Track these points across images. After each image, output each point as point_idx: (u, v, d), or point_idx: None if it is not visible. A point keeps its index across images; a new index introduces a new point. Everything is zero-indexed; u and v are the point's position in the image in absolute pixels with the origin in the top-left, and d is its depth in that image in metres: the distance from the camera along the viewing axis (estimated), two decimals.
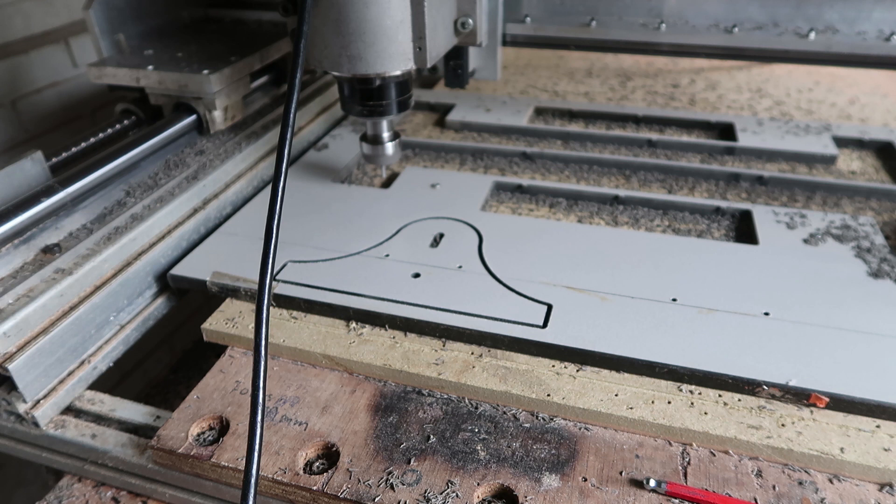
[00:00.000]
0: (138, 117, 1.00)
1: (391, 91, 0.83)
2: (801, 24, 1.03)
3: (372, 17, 0.73)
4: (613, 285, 0.73)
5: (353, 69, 0.77)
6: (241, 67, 0.98)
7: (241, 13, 1.24)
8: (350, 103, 0.86)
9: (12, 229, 0.71)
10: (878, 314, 0.68)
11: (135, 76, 0.95)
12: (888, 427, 0.58)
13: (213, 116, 0.96)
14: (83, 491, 0.63)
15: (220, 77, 0.94)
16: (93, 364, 0.70)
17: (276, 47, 1.07)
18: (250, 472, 0.46)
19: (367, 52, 0.75)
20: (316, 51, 0.77)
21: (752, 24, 1.04)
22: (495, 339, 0.67)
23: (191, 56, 1.00)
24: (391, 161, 0.93)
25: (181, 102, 0.97)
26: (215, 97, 0.94)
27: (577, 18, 1.10)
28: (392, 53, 0.76)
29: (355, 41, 0.74)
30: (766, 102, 1.32)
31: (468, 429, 0.60)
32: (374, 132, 0.90)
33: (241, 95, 1.01)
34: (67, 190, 0.77)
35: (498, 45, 1.03)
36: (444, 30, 0.83)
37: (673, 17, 1.07)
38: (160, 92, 0.97)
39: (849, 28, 1.02)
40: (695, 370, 0.62)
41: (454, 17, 0.85)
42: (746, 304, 0.69)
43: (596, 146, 1.13)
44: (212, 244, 0.83)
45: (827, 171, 1.04)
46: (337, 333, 0.70)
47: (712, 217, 0.90)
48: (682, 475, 0.55)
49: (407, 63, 0.78)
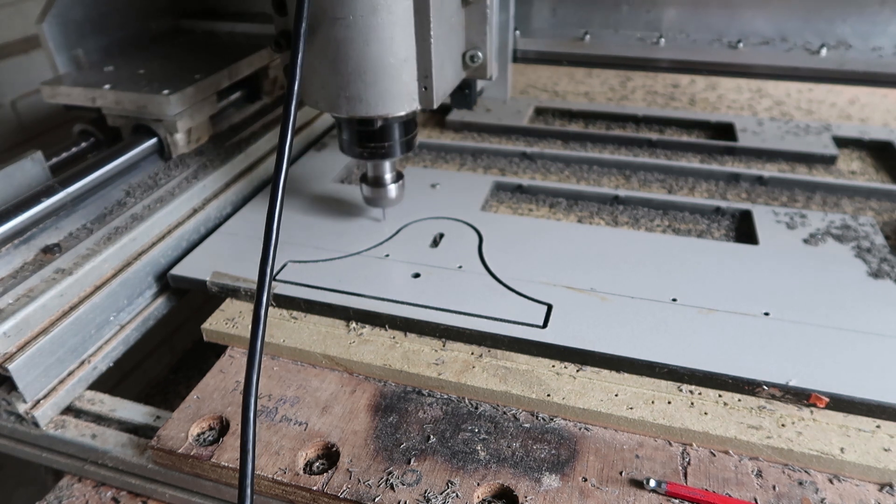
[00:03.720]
0: (97, 139, 0.91)
1: (394, 132, 0.76)
2: (811, 39, 0.94)
3: (373, 54, 0.66)
4: (613, 285, 0.73)
5: (351, 111, 0.70)
6: (206, 86, 0.90)
7: (213, 24, 1.15)
8: (349, 145, 0.78)
9: (12, 229, 0.71)
10: (877, 314, 0.68)
11: (90, 96, 0.87)
12: (888, 427, 0.58)
13: (175, 140, 0.88)
14: (83, 491, 0.63)
15: (182, 97, 0.86)
16: (93, 364, 0.70)
17: (248, 62, 0.99)
18: (246, 468, 0.46)
19: (367, 92, 0.68)
20: (312, 90, 0.71)
21: (758, 38, 0.95)
22: (495, 339, 0.67)
23: (153, 73, 0.92)
24: (394, 204, 0.84)
25: (140, 124, 0.89)
26: (177, 119, 0.86)
27: (569, 32, 1.00)
28: (395, 94, 0.69)
29: (354, 81, 0.68)
30: (766, 102, 1.32)
31: (468, 429, 0.60)
32: (376, 174, 0.82)
33: (208, 116, 0.92)
34: (67, 190, 0.77)
35: (508, 64, 0.94)
36: (452, 65, 0.75)
37: (672, 30, 0.97)
38: (117, 113, 0.89)
39: (863, 43, 0.92)
40: (695, 370, 0.62)
41: (462, 50, 0.77)
42: (746, 304, 0.69)
43: (596, 146, 1.13)
44: (212, 244, 0.83)
45: (827, 171, 1.04)
46: (337, 333, 0.70)
47: (712, 217, 0.90)
48: (682, 475, 0.55)
49: (412, 104, 0.71)
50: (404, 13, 0.66)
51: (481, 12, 0.75)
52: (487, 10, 0.74)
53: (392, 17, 0.65)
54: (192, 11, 1.18)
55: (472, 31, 0.76)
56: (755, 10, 0.92)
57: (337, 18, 0.65)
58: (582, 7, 0.99)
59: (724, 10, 0.93)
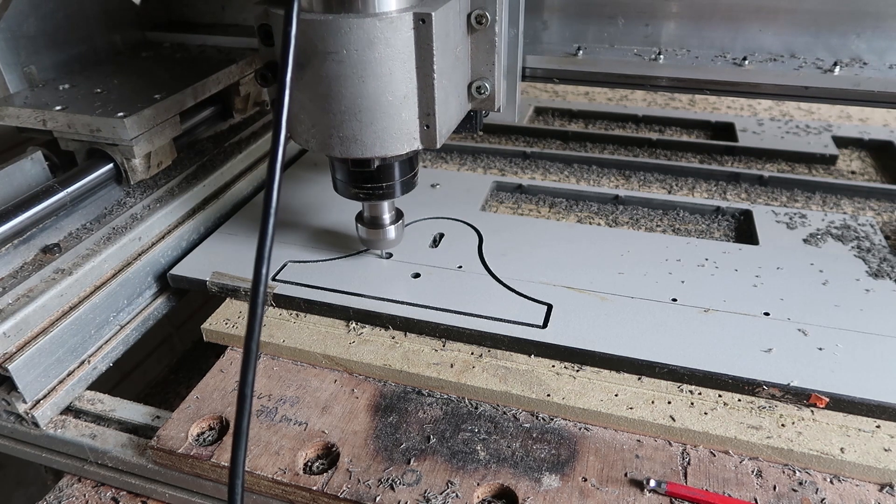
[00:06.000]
0: (53, 163, 0.82)
1: (393, 172, 0.70)
2: (822, 56, 0.85)
3: (369, 92, 0.60)
4: (613, 285, 0.73)
5: (346, 152, 0.64)
6: (167, 106, 0.81)
7: (183, 37, 1.07)
8: (343, 185, 0.72)
9: (12, 229, 0.71)
10: (878, 314, 0.68)
11: (41, 118, 0.79)
12: (888, 427, 0.58)
13: (133, 165, 0.79)
14: (83, 491, 0.63)
15: (139, 120, 0.77)
16: (93, 364, 0.70)
17: (216, 78, 0.90)
18: (237, 464, 0.46)
19: (363, 133, 0.62)
20: (302, 128, 0.65)
21: (764, 54, 0.86)
22: (495, 339, 0.67)
23: (111, 92, 0.83)
24: (393, 245, 0.79)
25: (95, 149, 0.80)
26: (133, 144, 0.77)
27: (561, 48, 0.90)
28: (394, 133, 0.63)
29: (349, 120, 0.61)
30: (766, 102, 1.32)
31: (468, 429, 0.60)
32: (373, 214, 0.75)
33: (170, 138, 0.83)
34: (67, 190, 0.76)
35: (517, 83, 0.84)
36: (457, 98, 0.69)
37: (672, 45, 0.89)
38: (70, 136, 0.80)
39: (879, 60, 0.83)
40: (695, 370, 0.61)
41: (468, 81, 0.71)
42: (746, 304, 0.69)
43: (596, 146, 1.13)
44: (212, 244, 0.83)
45: (827, 171, 1.04)
46: (337, 333, 0.70)
47: (712, 217, 0.90)
48: (682, 475, 0.55)
49: (412, 143, 0.64)
50: (404, 46, 0.59)
51: (489, 40, 0.68)
52: (496, 39, 0.68)
53: (391, 51, 0.59)
54: (161, 23, 1.10)
55: (479, 60, 0.70)
56: (762, 23, 0.84)
57: (329, 52, 0.58)
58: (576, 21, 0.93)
59: (728, 23, 0.84)
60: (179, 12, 1.13)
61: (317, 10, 0.59)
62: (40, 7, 0.87)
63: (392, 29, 0.58)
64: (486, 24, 0.67)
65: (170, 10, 1.12)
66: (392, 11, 0.58)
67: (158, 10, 1.10)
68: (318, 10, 0.59)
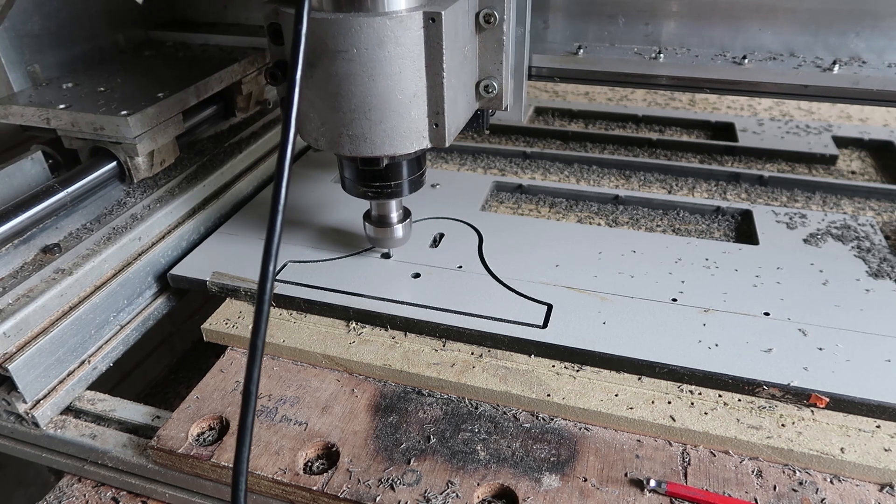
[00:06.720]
0: (56, 161, 0.84)
1: (402, 171, 0.70)
2: (821, 55, 0.86)
3: (379, 91, 0.60)
4: (613, 285, 0.73)
5: (355, 150, 0.64)
6: (170, 105, 0.82)
7: (185, 36, 1.07)
8: (352, 183, 0.72)
9: (12, 229, 0.71)
10: (878, 314, 0.68)
11: (44, 116, 0.79)
12: (888, 427, 0.58)
13: (136, 163, 0.80)
14: (83, 491, 0.63)
15: (142, 118, 0.78)
16: (93, 364, 0.70)
17: (218, 77, 0.90)
18: (241, 463, 0.46)
19: (372, 131, 0.63)
20: (311, 126, 0.65)
21: (764, 53, 0.87)
22: (495, 339, 0.67)
23: (114, 90, 0.84)
24: (401, 244, 0.78)
25: (98, 147, 0.81)
26: (136, 142, 0.78)
27: (562, 47, 0.91)
28: (403, 132, 0.63)
29: (358, 119, 0.62)
30: (767, 102, 1.32)
31: (468, 429, 0.60)
32: (381, 213, 0.76)
33: (173, 136, 0.84)
34: (67, 190, 0.76)
35: (524, 81, 0.85)
36: (465, 97, 0.69)
37: (672, 44, 0.89)
38: (74, 135, 0.81)
39: (878, 59, 0.84)
40: (695, 370, 0.62)
41: (476, 80, 0.71)
42: (746, 304, 0.69)
43: (596, 146, 1.13)
44: (212, 244, 0.83)
45: (827, 171, 1.04)
46: (337, 333, 0.70)
47: (712, 217, 0.90)
48: (682, 475, 0.55)
49: (421, 142, 0.65)
50: (414, 45, 0.60)
51: (497, 39, 0.68)
52: (504, 38, 0.68)
53: (400, 50, 0.59)
54: (164, 22, 1.11)
55: (487, 58, 0.70)
56: (761, 22, 0.85)
57: (339, 51, 0.59)
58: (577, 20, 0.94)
59: (727, 22, 0.85)
60: (182, 11, 1.13)
61: (327, 9, 0.60)
62: (44, 6, 0.88)
63: (402, 28, 0.58)
64: (495, 23, 0.67)
65: (173, 9, 1.13)
66: (402, 10, 0.59)
67: (161, 9, 1.11)
68: (328, 9, 0.60)
